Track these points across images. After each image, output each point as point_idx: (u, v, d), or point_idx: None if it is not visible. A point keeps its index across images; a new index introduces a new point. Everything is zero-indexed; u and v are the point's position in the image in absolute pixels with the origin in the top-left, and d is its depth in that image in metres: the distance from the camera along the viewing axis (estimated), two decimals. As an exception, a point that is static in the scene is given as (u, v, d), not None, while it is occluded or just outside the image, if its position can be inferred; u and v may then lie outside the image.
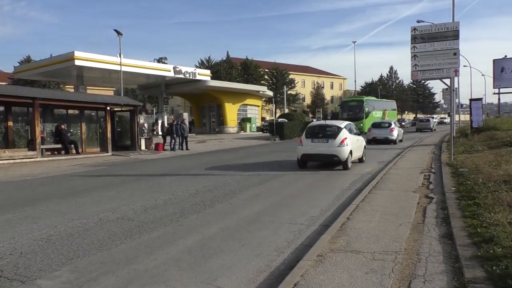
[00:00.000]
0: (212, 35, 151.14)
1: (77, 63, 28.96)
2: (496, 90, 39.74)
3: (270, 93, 51.41)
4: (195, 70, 39.47)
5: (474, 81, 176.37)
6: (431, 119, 47.34)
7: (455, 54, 12.70)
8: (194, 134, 38.30)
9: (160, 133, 32.17)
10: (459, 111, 38.63)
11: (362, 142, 14.74)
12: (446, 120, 63.63)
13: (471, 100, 25.26)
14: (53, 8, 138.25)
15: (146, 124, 24.09)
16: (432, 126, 42.77)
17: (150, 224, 6.33)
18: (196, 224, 6.31)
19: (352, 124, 14.69)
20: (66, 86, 46.37)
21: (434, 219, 6.03)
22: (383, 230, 5.47)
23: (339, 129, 12.82)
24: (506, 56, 40.06)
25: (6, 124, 17.35)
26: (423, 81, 71.59)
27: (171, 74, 36.15)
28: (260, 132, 42.99)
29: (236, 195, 8.61)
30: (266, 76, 66.16)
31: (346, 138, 12.57)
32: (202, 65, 57.82)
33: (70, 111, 20.60)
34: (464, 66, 45.95)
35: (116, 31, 27.59)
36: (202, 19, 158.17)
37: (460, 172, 9.88)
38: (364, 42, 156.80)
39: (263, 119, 55.76)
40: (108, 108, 20.33)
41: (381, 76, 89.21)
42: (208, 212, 7.13)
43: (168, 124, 26.16)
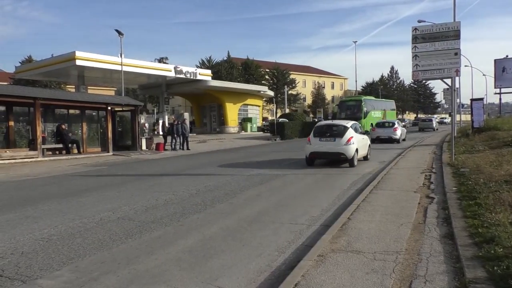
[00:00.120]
0: (213, 35, 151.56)
1: (78, 63, 28.97)
2: (497, 90, 39.78)
3: (271, 93, 51.42)
4: (196, 70, 39.47)
5: (475, 81, 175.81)
6: (433, 119, 48.03)
7: (456, 54, 12.67)
8: (195, 134, 38.33)
9: (161, 133, 32.18)
10: (460, 111, 38.61)
11: (367, 141, 15.24)
12: (446, 120, 63.90)
13: (472, 100, 25.21)
14: (54, 8, 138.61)
15: (147, 124, 24.16)
16: (434, 125, 43.55)
17: (150, 224, 6.34)
18: (197, 224, 6.32)
19: (357, 123, 15.12)
20: (67, 86, 46.36)
21: (435, 219, 6.02)
22: (384, 230, 5.47)
23: (346, 128, 13.29)
24: (507, 56, 40.04)
25: (7, 124, 17.39)
26: (424, 81, 71.68)
27: (172, 74, 36.16)
28: (261, 132, 42.99)
29: (237, 195, 8.61)
30: (267, 76, 66.15)
31: (352, 137, 13.03)
32: (203, 65, 57.87)
33: (71, 111, 20.64)
34: (465, 66, 45.95)
35: (117, 31, 27.65)
36: (203, 19, 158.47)
37: (461, 172, 9.87)
38: (365, 42, 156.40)
39: (265, 119, 55.76)
40: (109, 108, 20.35)
41: (382, 76, 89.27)
42: (209, 212, 7.13)
43: (169, 124, 26.17)
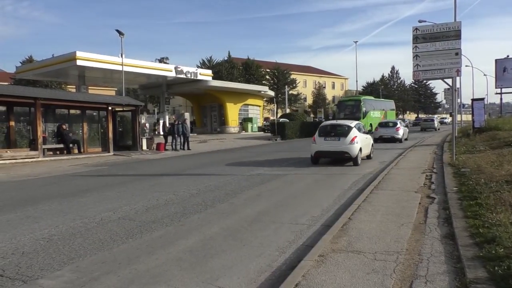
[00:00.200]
0: (213, 35, 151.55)
1: (79, 63, 28.99)
2: (498, 90, 39.70)
3: (272, 93, 51.42)
4: (196, 70, 39.48)
5: (476, 81, 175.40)
6: (435, 119, 48.70)
7: (457, 54, 12.65)
8: (196, 134, 38.34)
9: (161, 133, 32.19)
10: (461, 111, 38.67)
11: (370, 140, 15.64)
12: (446, 120, 64.09)
13: (473, 100, 25.20)
14: (55, 8, 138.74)
15: (147, 124, 24.14)
16: (436, 125, 44.13)
17: (151, 224, 6.34)
18: (197, 224, 6.31)
19: (361, 123, 15.51)
20: (68, 86, 46.39)
21: (436, 219, 6.01)
22: (384, 230, 5.46)
23: (350, 128, 13.66)
24: (508, 56, 39.97)
25: (8, 124, 17.40)
26: (424, 81, 71.68)
27: (173, 74, 36.17)
28: (262, 132, 42.98)
29: (237, 195, 8.61)
30: (267, 76, 66.13)
31: (356, 137, 13.40)
32: (203, 65, 57.88)
33: (72, 111, 20.64)
34: (466, 66, 45.84)
35: (117, 31, 27.68)
36: (203, 19, 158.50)
37: (462, 172, 9.85)
38: (365, 42, 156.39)
39: (266, 119, 55.71)
40: (110, 108, 20.36)
41: (382, 76, 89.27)
42: (209, 212, 7.13)
43: (169, 124, 26.17)
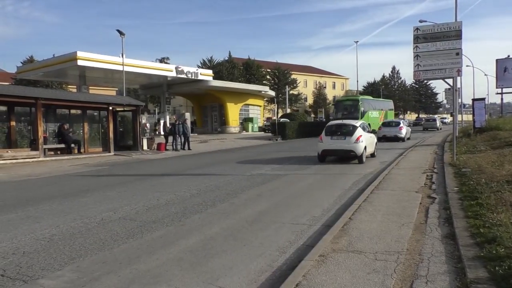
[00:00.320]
0: (214, 35, 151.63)
1: (79, 63, 29.03)
2: (499, 90, 39.60)
3: (272, 93, 51.43)
4: (197, 70, 39.50)
5: (476, 81, 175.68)
6: (437, 119, 49.50)
7: (457, 54, 12.64)
8: (196, 134, 38.34)
9: (162, 133, 32.20)
10: (461, 111, 38.65)
11: (374, 139, 16.25)
12: (446, 120, 64.27)
13: (473, 100, 25.16)
14: (55, 8, 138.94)
15: (148, 124, 24.11)
16: (438, 125, 44.70)
17: (152, 224, 6.34)
18: (198, 224, 6.32)
19: (365, 123, 16.07)
20: (69, 86, 46.43)
21: (436, 219, 6.01)
22: (385, 230, 5.46)
23: (355, 127, 14.23)
24: (509, 56, 39.86)
25: (9, 124, 17.43)
26: (425, 81, 71.60)
27: (173, 74, 36.19)
28: (262, 132, 42.97)
29: (238, 195, 8.61)
30: (268, 76, 66.08)
31: (361, 136, 13.91)
32: (204, 65, 57.84)
33: (73, 111, 20.66)
34: (467, 66, 45.79)
35: (118, 31, 27.66)
36: (204, 19, 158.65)
37: (463, 172, 9.84)
38: (366, 42, 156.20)
39: (268, 119, 55.66)
40: (111, 108, 20.37)
41: (383, 76, 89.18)
42: (210, 212, 7.13)
43: (170, 124, 26.18)
